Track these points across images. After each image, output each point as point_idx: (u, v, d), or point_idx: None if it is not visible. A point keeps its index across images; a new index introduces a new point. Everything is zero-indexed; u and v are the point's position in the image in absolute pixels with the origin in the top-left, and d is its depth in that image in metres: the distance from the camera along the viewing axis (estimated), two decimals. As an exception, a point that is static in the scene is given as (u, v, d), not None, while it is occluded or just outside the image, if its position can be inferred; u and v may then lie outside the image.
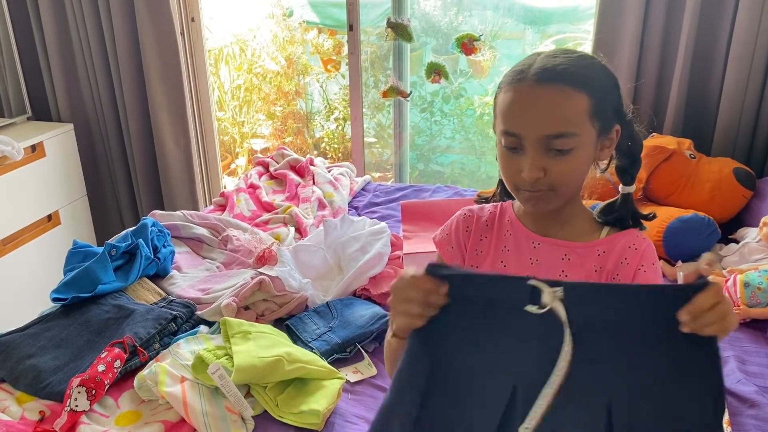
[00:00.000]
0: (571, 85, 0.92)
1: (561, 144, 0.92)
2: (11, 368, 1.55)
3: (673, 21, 2.36)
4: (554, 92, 0.92)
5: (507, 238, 1.09)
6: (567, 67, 0.93)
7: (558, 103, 0.92)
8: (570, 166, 0.94)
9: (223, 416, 1.40)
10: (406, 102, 3.00)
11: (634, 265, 1.00)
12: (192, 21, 2.97)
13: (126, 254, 1.91)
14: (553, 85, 0.92)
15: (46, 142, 2.77)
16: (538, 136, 0.92)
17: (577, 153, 0.94)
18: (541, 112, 0.92)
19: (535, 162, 0.93)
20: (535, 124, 0.92)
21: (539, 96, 0.92)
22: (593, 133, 0.95)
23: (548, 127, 0.92)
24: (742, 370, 1.57)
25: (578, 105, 0.92)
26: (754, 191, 2.19)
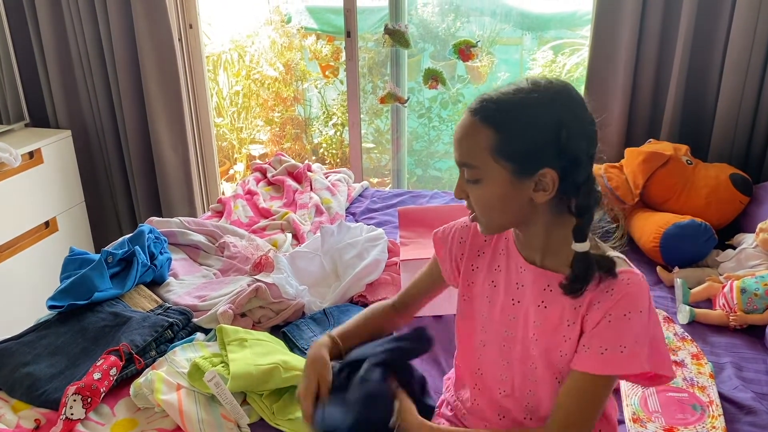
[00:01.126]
0: (481, 119, 0.95)
1: (468, 173, 0.98)
2: (7, 376, 1.54)
3: (669, 27, 2.37)
4: (468, 123, 0.97)
5: (501, 257, 1.10)
6: (491, 102, 0.96)
7: (466, 133, 0.97)
8: (480, 195, 0.99)
9: (219, 424, 1.40)
10: (403, 108, 3.01)
11: (603, 310, 0.95)
12: (190, 27, 2.98)
13: (123, 261, 1.90)
14: (471, 117, 0.97)
15: (43, 149, 2.77)
16: (456, 160, 1.01)
17: (486, 186, 0.97)
18: (456, 139, 0.99)
19: (458, 184, 1.02)
20: (455, 149, 1.00)
21: (461, 125, 0.99)
22: (502, 172, 0.95)
23: (458, 154, 0.99)
24: (739, 377, 1.57)
25: (481, 140, 0.95)
26: (750, 197, 2.19)
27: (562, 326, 1.00)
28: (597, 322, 0.96)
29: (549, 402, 1.05)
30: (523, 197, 0.96)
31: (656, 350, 0.98)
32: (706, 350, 1.67)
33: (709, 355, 1.65)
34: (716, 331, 1.76)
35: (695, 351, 1.63)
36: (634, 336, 0.94)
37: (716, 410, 1.43)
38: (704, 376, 1.54)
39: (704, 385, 1.51)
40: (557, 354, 1.01)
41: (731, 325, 1.75)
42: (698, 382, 1.52)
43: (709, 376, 1.54)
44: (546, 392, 1.05)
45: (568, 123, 0.93)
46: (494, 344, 1.11)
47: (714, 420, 1.40)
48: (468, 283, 1.15)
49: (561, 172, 0.94)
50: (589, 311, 0.97)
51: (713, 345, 1.71)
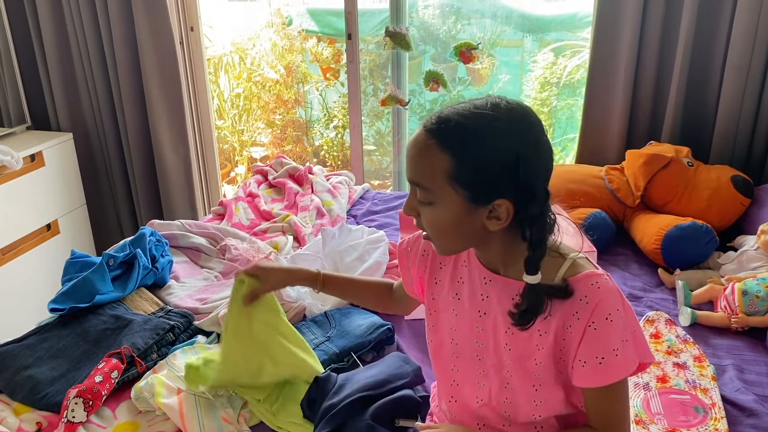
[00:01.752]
0: (439, 142, 0.92)
1: (420, 194, 0.95)
2: (8, 379, 1.54)
3: (670, 28, 2.37)
4: (423, 143, 0.93)
5: (462, 269, 1.08)
6: (449, 125, 0.91)
7: (421, 153, 0.94)
8: (431, 218, 0.96)
9: (219, 427, 1.40)
10: (404, 110, 3.01)
11: (584, 321, 0.94)
12: (191, 30, 2.98)
13: (124, 264, 1.90)
14: (427, 137, 0.93)
15: (45, 152, 2.78)
16: (408, 178, 0.98)
17: (439, 209, 0.94)
18: (409, 156, 0.96)
19: (408, 201, 0.99)
20: (407, 166, 0.97)
21: (416, 142, 0.95)
22: (456, 198, 0.92)
23: (411, 173, 0.96)
24: (740, 379, 1.56)
25: (436, 163, 0.92)
26: (752, 199, 2.19)
27: (534, 335, 0.99)
28: (582, 332, 0.94)
29: (525, 409, 1.05)
30: (476, 223, 0.94)
31: (638, 340, 0.98)
32: (708, 352, 1.67)
33: (711, 357, 1.65)
34: (718, 333, 1.76)
35: (697, 353, 1.63)
36: (620, 336, 0.95)
37: (718, 412, 1.43)
38: (706, 378, 1.54)
39: (706, 388, 1.51)
40: (532, 362, 1.01)
41: (733, 327, 1.75)
42: (700, 384, 1.52)
43: (711, 379, 1.54)
44: (522, 399, 1.05)
45: (527, 155, 0.90)
46: (467, 355, 1.09)
47: (716, 422, 1.40)
48: (432, 297, 1.13)
49: (516, 204, 0.92)
50: (571, 323, 0.95)
51: (715, 347, 1.70)
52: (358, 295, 1.39)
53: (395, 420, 1.33)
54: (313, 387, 1.44)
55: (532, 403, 1.03)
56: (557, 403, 1.03)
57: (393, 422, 1.33)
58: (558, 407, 1.03)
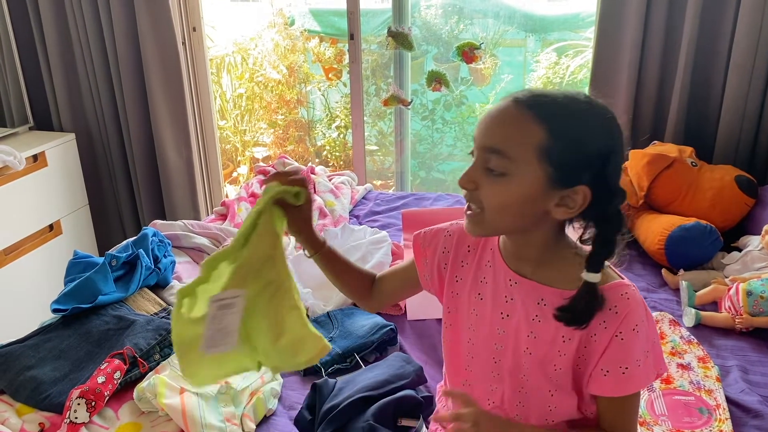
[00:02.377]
0: (536, 115, 0.88)
1: (494, 162, 0.90)
2: (11, 379, 1.54)
3: (673, 28, 2.36)
4: (516, 112, 0.90)
5: (486, 269, 1.05)
6: (547, 102, 0.90)
7: (511, 121, 0.90)
8: (499, 191, 0.90)
9: (222, 428, 1.39)
10: (407, 110, 3.01)
11: (612, 330, 0.93)
12: (193, 30, 2.98)
13: (126, 264, 1.90)
14: (521, 107, 0.90)
15: (47, 152, 2.78)
16: (480, 145, 0.92)
17: (510, 182, 0.89)
18: (493, 123, 0.91)
19: (470, 171, 0.93)
20: (484, 133, 0.92)
21: (503, 109, 0.91)
22: (538, 173, 0.89)
23: (489, 138, 0.91)
24: (745, 380, 1.56)
25: (529, 134, 0.88)
26: (756, 199, 2.18)
27: (558, 341, 0.98)
28: (608, 342, 0.94)
29: (538, 413, 1.04)
30: (542, 207, 0.92)
31: (657, 351, 0.98)
32: (713, 353, 1.66)
33: (715, 358, 1.64)
34: (722, 334, 1.75)
35: (701, 354, 1.63)
36: (643, 348, 0.95)
37: (723, 413, 1.42)
38: (711, 379, 1.54)
39: (711, 389, 1.50)
40: (551, 368, 1.00)
41: (737, 327, 1.74)
42: (705, 385, 1.51)
43: (715, 380, 1.53)
44: (536, 404, 1.04)
45: (618, 151, 0.91)
46: (483, 356, 1.07)
47: (721, 423, 1.39)
48: (453, 295, 1.10)
49: (594, 197, 0.90)
50: (596, 332, 0.95)
51: (719, 348, 1.70)
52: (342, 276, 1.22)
53: (397, 420, 1.33)
54: (311, 392, 1.44)
55: (545, 408, 1.03)
56: (570, 408, 1.02)
57: (395, 422, 1.33)
58: (570, 413, 1.03)
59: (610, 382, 0.96)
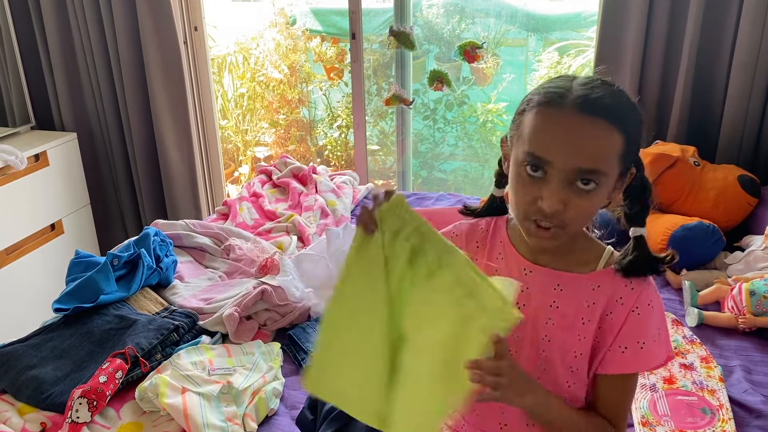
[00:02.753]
0: (612, 121, 0.87)
1: (589, 179, 0.87)
2: (13, 379, 1.54)
3: (676, 27, 2.35)
4: (596, 126, 0.86)
5: (498, 261, 1.05)
6: (609, 101, 0.88)
7: (598, 137, 0.87)
8: (589, 204, 0.90)
9: (224, 427, 1.39)
10: (408, 109, 3.00)
11: (628, 306, 0.95)
12: (195, 30, 2.98)
13: (128, 264, 1.90)
14: (595, 118, 0.86)
15: (49, 152, 2.78)
16: (569, 168, 0.86)
17: (599, 192, 0.89)
18: (578, 144, 0.86)
19: (559, 194, 0.87)
20: (570, 155, 0.86)
21: (580, 126, 0.86)
22: (617, 174, 0.91)
23: (583, 161, 0.86)
24: (748, 380, 1.55)
25: (614, 143, 0.88)
26: (759, 199, 2.17)
27: (577, 325, 0.98)
28: (624, 318, 0.95)
29: None
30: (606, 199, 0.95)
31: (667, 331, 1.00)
32: (716, 353, 1.66)
33: (718, 358, 1.63)
34: (725, 333, 1.75)
35: (704, 354, 1.62)
36: (657, 324, 0.97)
37: (726, 414, 1.42)
38: (714, 379, 1.53)
39: (714, 389, 1.50)
40: (571, 355, 0.99)
41: (740, 327, 1.74)
42: (708, 385, 1.51)
43: (718, 380, 1.53)
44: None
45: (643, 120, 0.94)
46: None
47: (724, 424, 1.39)
48: None
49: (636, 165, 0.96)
50: (613, 309, 0.96)
51: (722, 348, 1.69)
52: None
53: None
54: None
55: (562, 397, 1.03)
56: (581, 402, 1.03)
57: None
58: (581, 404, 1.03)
59: (628, 357, 0.96)
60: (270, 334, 1.79)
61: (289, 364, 1.69)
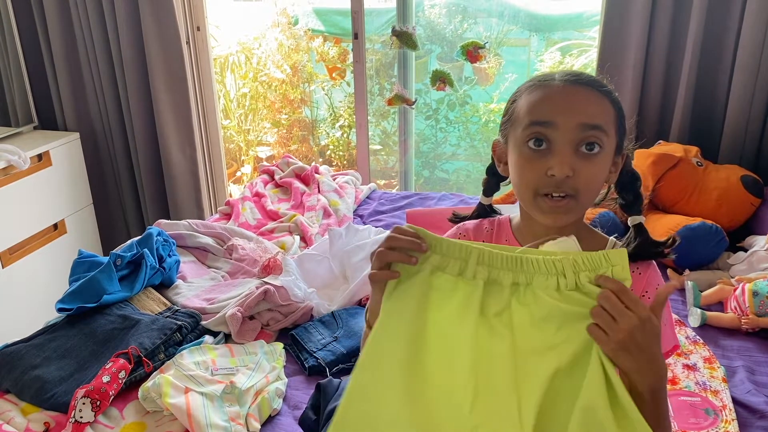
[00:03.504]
0: (600, 92, 0.92)
1: (593, 137, 0.89)
2: (16, 379, 1.54)
3: (679, 27, 2.35)
4: (588, 92, 0.91)
5: None
6: (597, 80, 0.94)
7: (593, 100, 0.91)
8: (596, 169, 0.91)
9: (227, 427, 1.39)
10: (411, 109, 3.00)
11: (638, 292, 0.96)
12: (197, 30, 2.98)
13: (131, 264, 1.90)
14: (585, 87, 0.92)
15: (52, 152, 2.78)
16: (573, 125, 0.88)
17: (603, 158, 0.91)
18: (577, 104, 0.90)
19: (568, 159, 0.88)
20: (572, 112, 0.89)
21: (574, 91, 0.91)
22: (614, 145, 0.93)
23: (584, 116, 0.89)
24: (751, 381, 1.55)
25: (608, 108, 0.92)
26: (762, 199, 2.17)
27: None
28: None
29: None
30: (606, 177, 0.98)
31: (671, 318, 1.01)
32: (718, 354, 1.65)
33: (721, 358, 1.63)
34: (728, 334, 1.75)
35: (707, 355, 1.62)
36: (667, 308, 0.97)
37: (729, 414, 1.42)
38: (717, 380, 1.53)
39: (717, 389, 1.50)
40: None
41: (743, 328, 1.74)
42: (711, 386, 1.51)
43: (721, 380, 1.52)
44: None
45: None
46: None
47: (727, 425, 1.39)
48: None
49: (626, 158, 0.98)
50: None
51: (725, 348, 1.69)
52: None
53: None
54: (316, 392, 1.44)
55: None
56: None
57: None
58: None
59: None
60: (273, 334, 1.79)
61: (291, 364, 1.69)
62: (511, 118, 0.96)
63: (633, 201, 1.02)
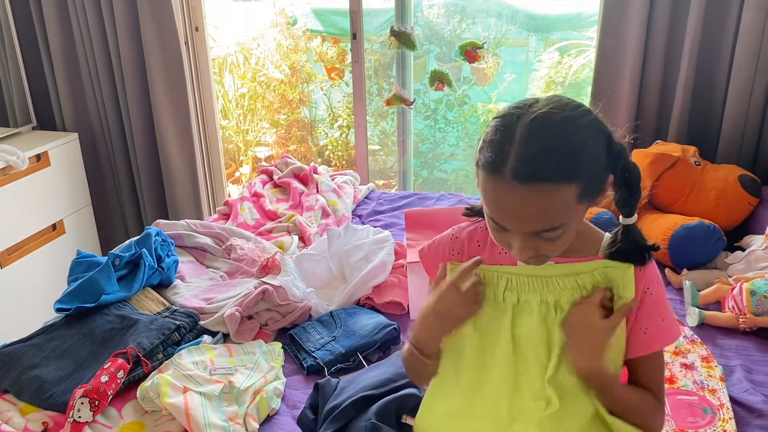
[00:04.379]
0: (554, 180, 0.84)
1: (548, 235, 0.89)
2: (15, 379, 1.55)
3: (676, 27, 2.36)
4: (539, 192, 0.84)
5: (501, 257, 1.05)
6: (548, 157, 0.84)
7: (544, 202, 0.85)
8: (561, 242, 0.92)
9: (225, 427, 1.39)
10: (409, 110, 3.00)
11: (640, 289, 0.98)
12: (196, 30, 2.98)
13: (130, 264, 1.91)
14: (536, 184, 0.84)
15: (50, 152, 2.78)
16: (525, 231, 0.89)
17: (568, 231, 0.91)
18: (527, 213, 0.87)
19: (524, 247, 0.91)
20: (521, 224, 0.88)
21: (523, 197, 0.85)
22: (583, 209, 0.92)
23: (537, 224, 0.88)
24: (749, 380, 1.55)
25: (564, 197, 0.86)
26: (759, 198, 2.17)
27: None
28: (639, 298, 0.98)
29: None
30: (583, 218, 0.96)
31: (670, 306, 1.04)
32: (716, 353, 1.66)
33: (718, 357, 1.64)
34: (726, 333, 1.75)
35: (705, 354, 1.62)
36: (665, 297, 1.01)
37: (727, 413, 1.42)
38: (714, 379, 1.53)
39: (714, 388, 1.50)
40: None
41: (741, 327, 1.74)
42: (708, 385, 1.51)
43: (719, 379, 1.53)
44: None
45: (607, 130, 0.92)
46: None
47: (725, 423, 1.39)
48: None
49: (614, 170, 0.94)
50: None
51: (723, 348, 1.69)
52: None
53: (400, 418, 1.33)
54: (314, 392, 1.44)
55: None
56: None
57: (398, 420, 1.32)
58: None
59: (654, 336, 0.99)
60: (271, 334, 1.79)
61: (290, 363, 1.69)
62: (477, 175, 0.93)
63: (628, 198, 0.98)
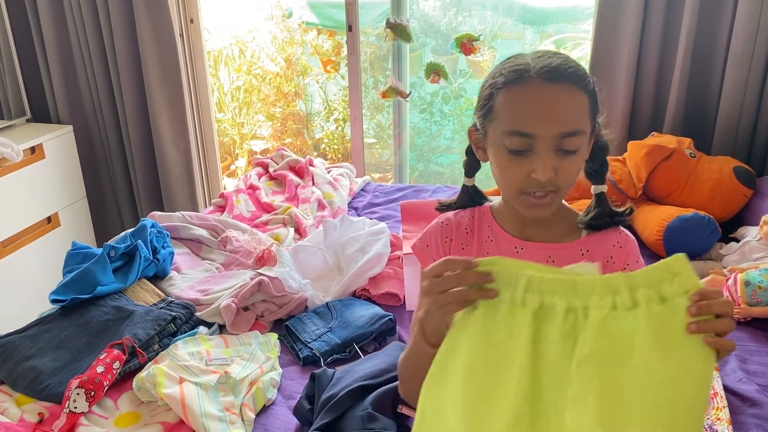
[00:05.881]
0: (575, 83, 0.92)
1: (571, 143, 0.91)
2: (10, 370, 1.54)
3: (672, 19, 2.36)
4: (565, 91, 0.91)
5: (488, 244, 1.07)
6: (568, 66, 0.93)
7: (570, 101, 0.92)
8: (576, 165, 0.95)
9: (221, 417, 1.40)
10: (405, 102, 3.00)
11: (620, 264, 1.01)
12: (191, 22, 2.97)
13: (125, 255, 1.90)
14: (562, 84, 0.91)
15: (45, 144, 2.77)
16: (553, 135, 0.90)
17: (581, 152, 0.95)
18: (556, 111, 0.91)
19: (550, 162, 0.91)
20: (552, 124, 0.90)
21: (552, 94, 0.91)
22: (589, 134, 0.97)
23: (563, 126, 0.90)
24: (743, 369, 1.56)
25: (583, 102, 0.93)
26: (754, 190, 2.18)
27: None
28: None
29: None
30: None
31: None
32: (710, 343, 1.66)
33: (713, 347, 1.64)
34: (720, 323, 1.76)
35: (699, 343, 1.63)
36: None
37: (720, 402, 1.43)
38: (708, 368, 1.54)
39: (708, 378, 1.51)
40: None
41: (735, 317, 1.75)
42: (702, 374, 1.52)
43: (713, 369, 1.53)
44: None
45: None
46: None
47: (718, 412, 1.40)
48: None
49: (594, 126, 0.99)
50: (605, 269, 1.01)
51: (717, 338, 1.70)
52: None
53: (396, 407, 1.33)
54: (310, 382, 1.44)
55: None
56: None
57: (394, 410, 1.33)
58: None
59: None
60: (267, 325, 1.79)
61: (286, 354, 1.69)
62: (490, 113, 0.96)
63: (599, 169, 1.05)
